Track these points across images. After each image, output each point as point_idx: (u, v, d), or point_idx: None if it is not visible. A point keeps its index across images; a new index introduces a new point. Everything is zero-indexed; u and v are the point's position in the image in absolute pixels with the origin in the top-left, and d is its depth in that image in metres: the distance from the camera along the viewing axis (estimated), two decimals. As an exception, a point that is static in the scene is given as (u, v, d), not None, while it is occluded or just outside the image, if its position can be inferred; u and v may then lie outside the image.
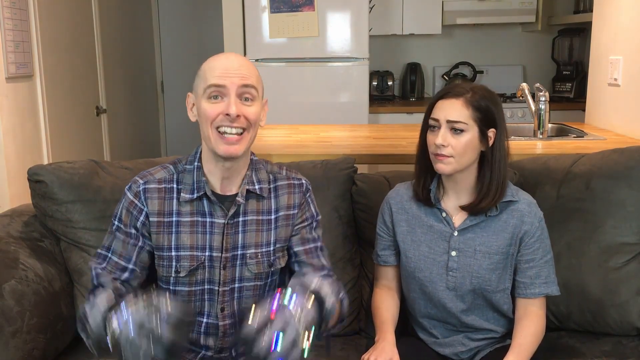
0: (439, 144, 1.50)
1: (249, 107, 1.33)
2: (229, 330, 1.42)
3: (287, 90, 3.71)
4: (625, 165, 1.82)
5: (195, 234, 1.39)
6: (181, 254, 1.38)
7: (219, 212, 1.39)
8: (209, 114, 1.31)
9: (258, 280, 1.43)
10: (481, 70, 4.63)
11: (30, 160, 2.87)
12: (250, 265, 1.41)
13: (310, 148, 2.52)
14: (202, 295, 1.40)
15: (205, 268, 1.39)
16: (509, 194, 1.57)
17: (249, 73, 1.33)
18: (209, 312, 1.41)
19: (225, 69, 1.31)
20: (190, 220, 1.39)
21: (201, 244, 1.39)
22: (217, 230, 1.39)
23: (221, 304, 1.41)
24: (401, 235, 1.65)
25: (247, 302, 1.42)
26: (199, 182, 1.39)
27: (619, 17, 2.80)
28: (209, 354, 1.43)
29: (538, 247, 1.57)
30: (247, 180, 1.41)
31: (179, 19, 5.37)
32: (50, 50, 3.12)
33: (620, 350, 1.71)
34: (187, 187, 1.39)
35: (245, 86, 1.32)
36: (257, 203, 1.43)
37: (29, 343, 1.54)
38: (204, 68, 1.35)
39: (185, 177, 1.40)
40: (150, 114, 5.21)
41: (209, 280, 1.40)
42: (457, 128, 1.50)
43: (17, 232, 1.79)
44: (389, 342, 1.56)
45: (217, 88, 1.31)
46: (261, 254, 1.42)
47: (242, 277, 1.41)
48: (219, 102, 1.31)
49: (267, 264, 1.43)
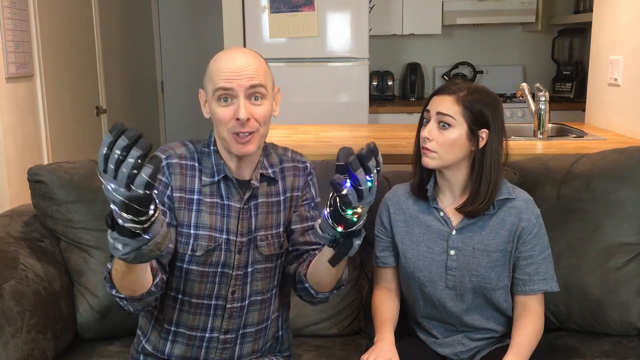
0: (424, 137, 1.54)
1: (258, 107, 1.34)
2: (236, 313, 1.43)
3: (287, 90, 3.68)
4: (625, 165, 1.82)
5: (215, 215, 1.40)
6: (200, 232, 1.39)
7: (235, 196, 1.41)
8: (221, 119, 1.33)
9: (269, 262, 1.45)
10: (481, 70, 4.63)
11: (30, 160, 2.87)
12: (261, 247, 1.43)
13: (310, 148, 2.52)
14: (214, 278, 1.41)
15: (222, 251, 1.40)
16: (505, 192, 1.58)
17: (256, 71, 1.34)
18: (218, 294, 1.42)
19: (232, 70, 1.32)
20: (211, 201, 1.40)
21: (219, 226, 1.40)
22: (233, 214, 1.41)
23: (233, 287, 1.42)
24: (399, 236, 1.66)
25: (259, 285, 1.45)
26: (218, 164, 1.41)
27: (619, 17, 2.80)
28: (215, 335, 1.44)
29: (536, 243, 1.57)
30: (260, 165, 1.44)
31: (179, 19, 5.37)
32: (50, 50, 3.12)
33: (620, 350, 1.71)
34: (208, 171, 1.41)
35: (253, 86, 1.33)
36: (267, 186, 1.45)
37: (29, 343, 1.54)
38: (211, 68, 1.35)
39: (204, 160, 1.42)
40: (150, 114, 5.21)
41: (224, 263, 1.41)
42: (445, 122, 1.52)
43: (17, 232, 1.79)
44: (388, 342, 1.56)
45: (225, 91, 1.32)
46: (271, 236, 1.44)
47: (254, 260, 1.43)
48: (228, 105, 1.33)
49: (278, 245, 1.45)
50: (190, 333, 1.44)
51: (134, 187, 0.92)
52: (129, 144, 0.90)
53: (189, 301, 1.42)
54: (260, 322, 1.47)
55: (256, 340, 1.48)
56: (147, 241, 1.01)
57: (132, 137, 0.90)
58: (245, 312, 1.44)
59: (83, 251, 1.82)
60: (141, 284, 1.24)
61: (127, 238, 1.00)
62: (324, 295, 1.42)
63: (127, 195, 0.93)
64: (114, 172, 0.91)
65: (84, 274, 1.80)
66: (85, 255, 1.81)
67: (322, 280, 1.38)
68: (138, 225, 0.98)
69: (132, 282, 1.22)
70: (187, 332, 1.44)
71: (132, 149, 0.90)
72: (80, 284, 1.80)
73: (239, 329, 1.45)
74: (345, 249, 1.20)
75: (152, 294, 1.28)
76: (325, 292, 1.42)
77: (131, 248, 1.01)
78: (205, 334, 1.44)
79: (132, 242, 1.00)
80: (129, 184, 0.92)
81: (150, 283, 1.26)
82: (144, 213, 0.97)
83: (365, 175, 1.10)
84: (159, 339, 1.46)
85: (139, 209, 0.96)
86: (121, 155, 0.90)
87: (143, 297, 1.26)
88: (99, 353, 1.75)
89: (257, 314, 1.46)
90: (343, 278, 1.42)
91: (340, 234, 1.17)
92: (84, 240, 1.81)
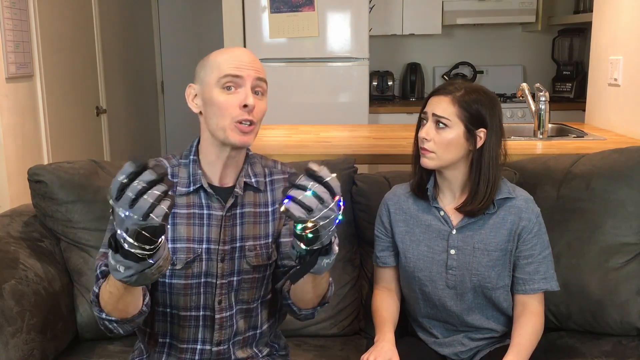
0: (422, 137, 1.55)
1: (260, 102, 1.35)
2: (226, 323, 1.42)
3: (287, 90, 3.71)
4: (625, 165, 1.82)
5: (192, 225, 1.39)
6: (177, 245, 1.37)
7: (216, 204, 1.39)
8: (224, 106, 1.31)
9: (257, 273, 1.43)
10: (481, 70, 4.63)
11: (30, 160, 2.87)
12: (249, 257, 1.41)
13: (310, 148, 2.52)
14: (198, 289, 1.40)
15: (202, 260, 1.38)
16: (505, 191, 1.58)
17: (261, 68, 1.36)
18: (205, 304, 1.40)
19: (241, 61, 1.32)
20: (187, 212, 1.38)
21: (198, 236, 1.38)
22: (214, 222, 1.39)
23: (219, 296, 1.40)
24: (400, 236, 1.66)
25: (245, 295, 1.42)
26: (194, 175, 1.39)
27: (619, 17, 2.80)
28: (207, 347, 1.43)
29: (536, 242, 1.57)
30: (244, 172, 1.42)
31: (179, 19, 5.37)
32: (50, 50, 3.12)
33: (620, 350, 1.71)
34: (183, 181, 1.39)
35: (259, 79, 1.34)
36: (254, 195, 1.43)
37: (29, 343, 1.54)
38: (217, 59, 1.34)
39: (180, 172, 1.41)
40: (150, 114, 5.21)
41: (206, 273, 1.39)
42: (441, 122, 1.52)
43: (17, 232, 1.79)
44: (388, 342, 1.56)
45: (234, 78, 1.31)
46: (259, 246, 1.42)
47: (240, 270, 1.41)
48: (233, 93, 1.32)
49: (266, 256, 1.43)
50: (181, 346, 1.42)
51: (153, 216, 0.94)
52: (156, 179, 0.94)
53: (178, 314, 1.40)
54: (247, 329, 1.45)
55: (244, 348, 1.46)
56: (150, 265, 1.02)
57: (160, 174, 0.94)
58: (234, 320, 1.42)
59: (83, 251, 1.82)
60: (135, 305, 1.23)
61: (131, 262, 1.01)
62: (307, 311, 1.41)
63: (141, 224, 0.95)
64: (130, 201, 0.93)
65: (84, 274, 1.80)
66: (85, 255, 1.81)
67: (303, 297, 1.37)
68: (145, 252, 1.00)
69: (128, 304, 1.21)
70: (178, 345, 1.42)
71: (160, 184, 0.94)
72: (80, 284, 1.80)
73: (230, 339, 1.43)
74: (307, 267, 1.18)
75: (143, 314, 1.27)
76: (309, 309, 1.41)
77: (134, 271, 1.02)
78: (196, 345, 1.42)
79: (136, 265, 1.01)
80: (149, 213, 0.94)
81: (141, 303, 1.26)
82: (154, 242, 0.99)
83: (302, 189, 1.07)
84: (154, 354, 1.45)
85: (152, 238, 0.98)
86: (146, 186, 0.93)
87: (134, 318, 1.25)
88: (99, 353, 1.75)
89: (243, 322, 1.44)
90: (328, 295, 1.40)
91: (305, 252, 1.15)
92: (84, 240, 1.81)
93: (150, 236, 0.97)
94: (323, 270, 1.20)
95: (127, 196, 0.93)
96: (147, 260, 1.01)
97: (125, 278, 1.03)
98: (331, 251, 1.18)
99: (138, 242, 0.97)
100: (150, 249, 1.00)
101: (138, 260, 1.00)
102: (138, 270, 1.01)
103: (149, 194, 0.93)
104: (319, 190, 1.07)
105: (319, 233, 1.10)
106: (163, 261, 1.04)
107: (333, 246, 1.18)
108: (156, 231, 0.97)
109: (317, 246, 1.13)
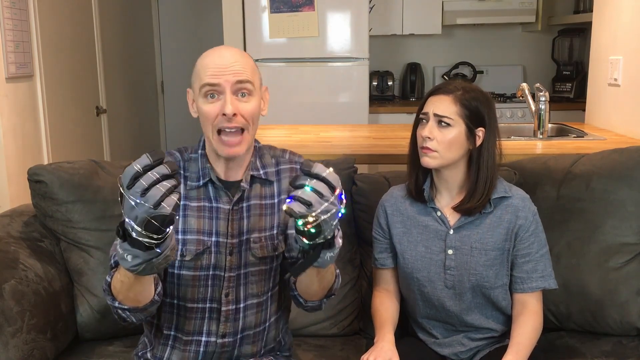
0: (425, 136, 1.54)
1: (245, 104, 1.32)
2: (232, 316, 1.43)
3: (287, 90, 3.71)
4: (625, 165, 1.82)
5: (202, 218, 1.40)
6: (188, 237, 1.39)
7: (224, 197, 1.40)
8: (207, 115, 1.32)
9: (263, 265, 1.43)
10: (481, 70, 4.63)
11: (30, 160, 2.87)
12: (254, 249, 1.41)
13: (310, 148, 2.52)
14: (206, 281, 1.41)
15: (212, 253, 1.40)
16: (501, 190, 1.58)
17: (243, 67, 1.32)
18: (212, 297, 1.41)
19: (218, 66, 1.30)
20: (198, 205, 1.40)
21: (207, 229, 1.40)
22: (222, 216, 1.40)
23: (226, 289, 1.41)
24: (397, 237, 1.66)
25: (255, 288, 1.43)
26: (204, 169, 1.41)
27: (619, 17, 2.80)
28: (212, 339, 1.43)
29: (533, 241, 1.58)
30: (252, 166, 1.43)
31: (179, 19, 5.37)
32: (50, 50, 3.12)
33: (620, 350, 1.71)
34: (193, 175, 1.41)
35: (240, 82, 1.31)
36: (261, 188, 1.44)
37: (29, 343, 1.54)
38: (198, 65, 1.35)
39: (191, 166, 1.42)
40: (150, 114, 5.21)
41: (215, 266, 1.40)
42: (444, 122, 1.52)
43: (17, 232, 1.79)
44: (388, 342, 1.56)
45: (212, 87, 1.31)
46: (265, 238, 1.43)
47: (247, 263, 1.42)
48: (215, 101, 1.31)
49: (272, 248, 1.43)
50: (187, 338, 1.43)
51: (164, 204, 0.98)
52: (169, 174, 0.98)
53: (184, 306, 1.41)
54: (258, 324, 1.46)
55: (255, 343, 1.48)
56: (157, 254, 1.04)
57: (173, 171, 0.98)
58: (242, 315, 1.43)
59: (83, 251, 1.82)
60: (146, 294, 1.25)
61: (139, 250, 1.03)
62: (313, 303, 1.41)
63: (152, 212, 0.97)
64: (143, 190, 0.97)
65: (84, 274, 1.80)
66: (85, 255, 1.81)
67: (309, 289, 1.38)
68: (153, 241, 1.02)
69: (138, 293, 1.23)
70: (184, 337, 1.43)
71: (172, 178, 0.98)
72: (80, 284, 1.80)
73: (237, 333, 1.44)
74: (310, 260, 1.18)
75: (155, 303, 1.29)
76: (315, 301, 1.41)
77: (142, 260, 1.04)
78: (201, 337, 1.43)
79: (143, 254, 1.03)
80: (160, 202, 0.97)
81: (153, 292, 1.27)
82: (163, 231, 1.02)
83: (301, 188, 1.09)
84: (158, 346, 1.46)
85: (160, 227, 1.00)
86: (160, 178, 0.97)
87: (147, 307, 1.27)
88: (99, 353, 1.75)
89: (254, 317, 1.45)
90: (334, 287, 1.40)
91: (308, 246, 1.16)
92: (84, 240, 1.81)
93: (160, 225, 0.99)
94: (327, 263, 1.20)
95: (141, 184, 0.97)
96: (154, 249, 1.03)
97: (133, 267, 1.05)
98: (334, 244, 1.19)
99: (146, 231, 1.00)
100: (158, 238, 1.02)
101: (145, 249, 1.03)
102: (145, 259, 1.04)
103: (162, 184, 0.97)
104: (318, 186, 1.08)
105: (321, 227, 1.12)
106: (170, 251, 1.07)
107: (336, 239, 1.19)
108: (165, 220, 0.99)
109: (320, 240, 1.14)
